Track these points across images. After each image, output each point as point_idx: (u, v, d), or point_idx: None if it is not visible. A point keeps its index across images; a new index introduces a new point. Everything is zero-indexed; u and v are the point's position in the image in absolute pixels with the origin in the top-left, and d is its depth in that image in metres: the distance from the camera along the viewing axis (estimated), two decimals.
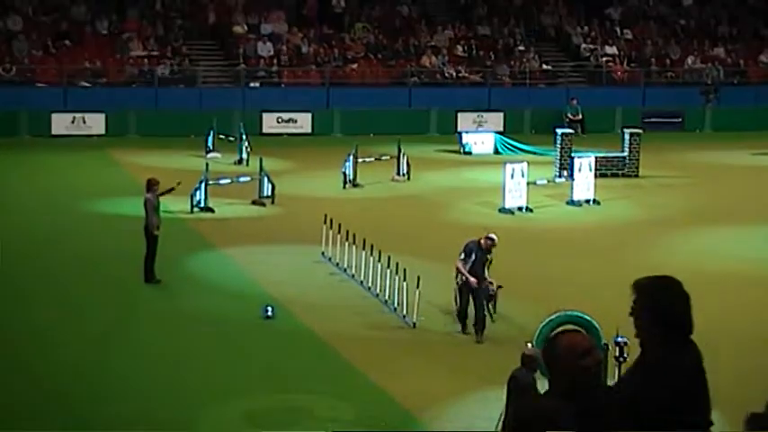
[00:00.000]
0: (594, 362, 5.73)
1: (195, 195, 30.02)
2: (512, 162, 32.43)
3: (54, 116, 43.45)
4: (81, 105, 44.07)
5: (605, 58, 51.97)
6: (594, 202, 32.36)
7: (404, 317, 20.70)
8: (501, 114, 46.94)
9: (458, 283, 20.20)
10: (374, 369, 18.35)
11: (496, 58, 50.66)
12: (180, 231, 27.25)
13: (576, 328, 6.26)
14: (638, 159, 36.76)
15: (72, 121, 43.54)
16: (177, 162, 37.01)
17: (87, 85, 46.00)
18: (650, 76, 51.61)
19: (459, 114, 46.48)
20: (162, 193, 23.79)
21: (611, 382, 6.37)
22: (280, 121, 45.36)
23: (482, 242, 20.30)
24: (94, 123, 43.70)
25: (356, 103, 46.16)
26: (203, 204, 30.07)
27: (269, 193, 31.53)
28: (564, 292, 22.31)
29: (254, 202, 31.28)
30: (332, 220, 24.61)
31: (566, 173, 34.41)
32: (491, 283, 20.46)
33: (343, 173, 34.11)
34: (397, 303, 21.05)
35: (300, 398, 17.28)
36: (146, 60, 47.44)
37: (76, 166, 37.59)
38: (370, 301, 21.98)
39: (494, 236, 20.53)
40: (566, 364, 5.68)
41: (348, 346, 19.46)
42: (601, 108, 47.67)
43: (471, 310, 20.08)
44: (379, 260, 22.00)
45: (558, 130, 37.13)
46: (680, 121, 48.91)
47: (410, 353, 19.29)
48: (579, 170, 32.64)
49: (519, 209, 30.98)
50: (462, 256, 20.21)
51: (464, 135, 42.70)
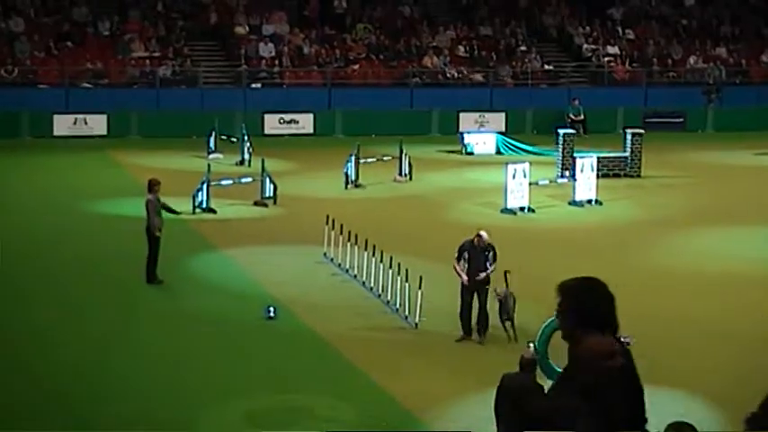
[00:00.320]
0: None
1: (197, 196, 30.01)
2: (514, 162, 32.41)
3: (56, 117, 43.47)
4: (83, 106, 44.08)
5: (607, 59, 51.96)
6: (596, 202, 32.33)
7: (406, 317, 20.69)
8: (503, 115, 46.94)
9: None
10: (376, 370, 18.34)
11: (498, 59, 50.65)
12: (182, 232, 27.24)
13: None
14: (640, 159, 36.74)
15: (74, 123, 43.55)
16: (179, 163, 37.04)
17: (89, 86, 46.02)
18: (652, 76, 51.59)
19: (461, 115, 46.47)
20: (165, 208, 23.69)
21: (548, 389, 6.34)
22: (281, 121, 45.35)
23: (475, 241, 20.28)
24: (96, 124, 43.71)
25: (358, 103, 46.17)
26: (205, 205, 30.06)
27: (271, 194, 31.52)
28: None
29: (256, 203, 31.27)
30: (334, 221, 24.60)
31: (567, 173, 34.41)
32: (496, 290, 20.16)
33: (345, 173, 34.10)
34: (399, 304, 21.03)
35: (302, 398, 17.27)
36: (147, 61, 47.47)
37: (78, 167, 37.60)
38: (372, 301, 21.96)
39: (482, 232, 20.41)
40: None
41: (350, 346, 19.44)
42: (603, 108, 47.66)
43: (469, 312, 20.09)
44: (381, 261, 21.99)
45: (560, 131, 37.12)
46: (682, 121, 48.88)
47: (412, 353, 19.28)
48: (581, 170, 32.62)
49: (521, 209, 30.96)
50: (456, 255, 20.20)
51: (466, 135, 42.68)
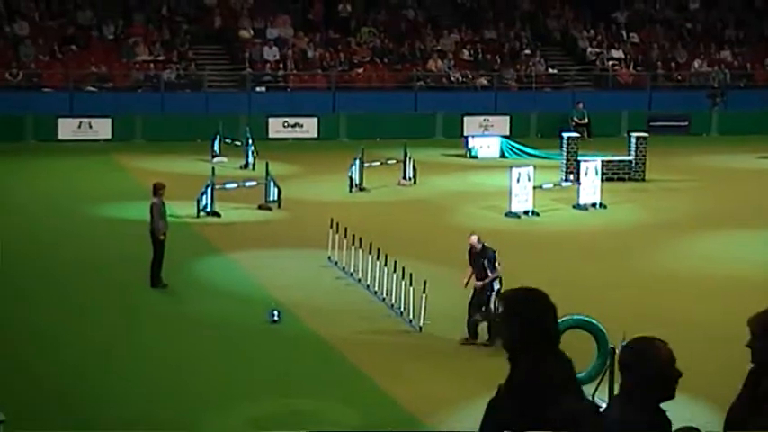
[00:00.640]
0: (679, 373, 5.84)
1: (201, 200, 30.02)
2: (518, 166, 32.43)
3: (60, 121, 43.50)
4: (87, 110, 44.11)
5: (611, 62, 51.95)
6: (601, 205, 32.30)
7: (410, 321, 20.69)
8: (507, 118, 46.91)
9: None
10: (380, 373, 18.34)
11: (503, 62, 50.65)
12: (186, 236, 27.25)
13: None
14: (644, 163, 36.72)
15: (78, 126, 43.58)
16: (183, 167, 37.04)
17: (93, 89, 46.05)
18: (656, 80, 51.57)
19: (466, 118, 46.45)
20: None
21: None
22: (286, 125, 45.35)
23: (468, 246, 20.36)
24: (101, 128, 43.74)
25: (362, 107, 46.17)
26: (209, 209, 30.07)
27: (275, 198, 31.52)
28: (570, 296, 22.22)
29: (260, 207, 31.27)
30: (338, 225, 24.60)
31: (572, 177, 34.40)
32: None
33: (350, 177, 34.10)
34: (403, 308, 21.03)
35: (306, 402, 17.27)
36: (152, 65, 47.51)
37: (82, 170, 37.63)
38: (377, 305, 21.96)
39: (470, 237, 20.42)
40: (661, 371, 5.75)
41: (354, 350, 19.44)
42: (607, 112, 47.66)
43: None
44: (386, 264, 21.99)
45: (565, 134, 37.11)
46: (686, 124, 48.84)
47: (416, 357, 19.27)
48: (585, 174, 32.60)
49: (525, 213, 30.95)
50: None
51: (470, 139, 42.68)
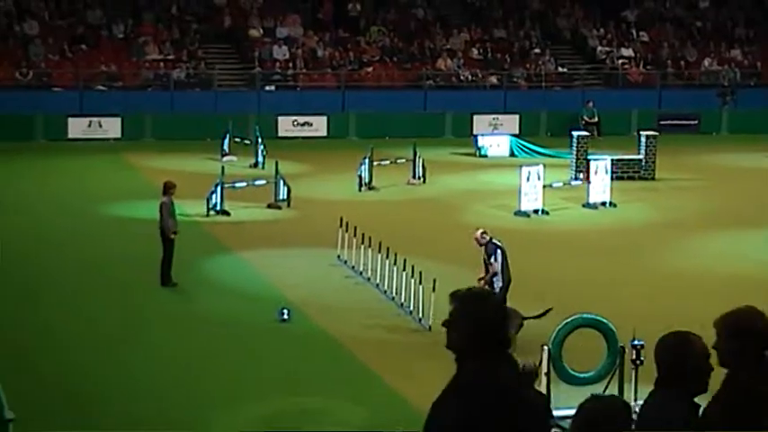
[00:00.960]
0: (711, 368, 5.89)
1: (211, 199, 30.04)
2: (528, 165, 32.39)
3: (70, 120, 43.54)
4: (97, 109, 44.15)
5: (621, 61, 51.88)
6: (611, 204, 32.27)
7: (419, 320, 20.68)
8: (517, 117, 46.87)
9: None
10: (389, 372, 18.34)
11: (512, 61, 50.61)
12: (196, 235, 27.26)
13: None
14: (654, 162, 36.67)
15: (88, 125, 43.62)
16: (193, 165, 37.07)
17: (103, 88, 46.11)
18: (666, 79, 51.49)
19: (475, 117, 46.41)
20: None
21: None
22: (295, 124, 45.36)
23: None
24: (110, 127, 43.78)
25: (372, 106, 46.15)
26: (219, 208, 30.09)
27: (284, 197, 31.53)
28: (580, 295, 22.28)
29: (269, 206, 31.28)
30: (347, 224, 24.60)
31: (582, 175, 34.36)
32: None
33: (359, 176, 34.09)
34: (413, 306, 21.02)
35: (315, 400, 17.27)
36: (161, 64, 47.55)
37: (92, 169, 37.67)
38: (386, 304, 21.96)
39: (474, 232, 20.63)
40: (697, 365, 5.81)
41: (363, 348, 19.44)
42: (617, 110, 47.58)
43: None
44: (395, 263, 21.99)
45: (574, 133, 37.06)
46: (696, 123, 48.76)
47: (425, 356, 19.24)
48: (595, 173, 32.57)
49: (535, 212, 30.92)
50: None
51: (480, 138, 42.65)
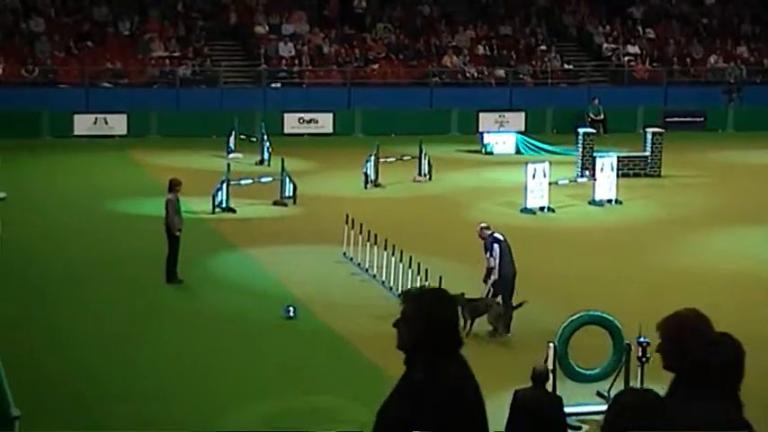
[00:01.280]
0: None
1: (217, 196, 30.05)
2: (533, 162, 32.38)
3: (76, 117, 43.58)
4: (103, 106, 44.18)
5: (627, 58, 51.84)
6: (616, 201, 32.26)
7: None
8: (522, 114, 46.86)
9: None
10: (395, 369, 18.20)
11: (518, 58, 50.59)
12: (201, 232, 27.29)
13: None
14: (660, 159, 36.65)
15: (94, 122, 43.65)
16: (199, 162, 37.09)
17: (109, 85, 46.14)
18: (672, 76, 51.45)
19: (481, 114, 46.40)
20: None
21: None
22: (301, 121, 45.37)
23: None
24: (116, 124, 43.81)
25: (377, 103, 46.15)
26: (225, 205, 30.10)
27: (290, 194, 31.53)
28: (586, 292, 22.27)
29: (275, 203, 31.29)
30: (353, 221, 24.61)
31: (588, 173, 34.34)
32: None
33: (365, 173, 34.09)
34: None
35: (321, 397, 17.27)
36: (167, 61, 47.57)
37: (98, 166, 37.70)
38: (392, 301, 21.89)
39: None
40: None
41: (369, 345, 19.42)
42: (623, 107, 47.53)
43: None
44: (401, 260, 21.99)
45: (580, 130, 37.05)
46: (702, 120, 48.71)
47: None
48: (601, 170, 32.56)
49: (541, 209, 30.91)
50: None
51: (485, 135, 42.63)
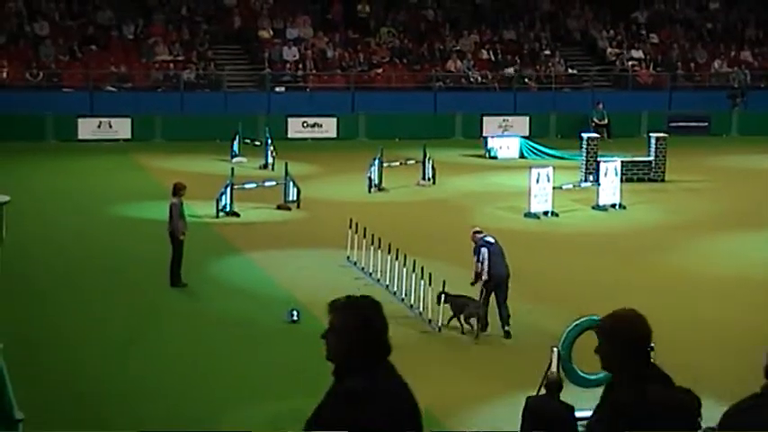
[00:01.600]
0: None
1: (221, 200, 30.06)
2: (537, 166, 32.40)
3: (80, 121, 43.63)
4: (107, 110, 44.24)
5: (631, 62, 51.85)
6: (620, 206, 32.24)
7: (429, 321, 20.67)
8: (527, 119, 46.88)
9: None
10: (399, 373, 18.29)
11: (522, 63, 50.59)
12: (205, 236, 27.29)
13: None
14: (664, 164, 36.64)
15: (98, 126, 43.71)
16: (202, 166, 37.11)
17: (113, 89, 46.18)
18: (676, 80, 51.46)
19: (485, 118, 46.42)
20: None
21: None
22: (305, 125, 45.40)
23: None
24: (120, 128, 43.86)
25: (381, 107, 46.18)
26: (229, 209, 30.10)
27: (294, 198, 31.55)
28: (589, 296, 22.25)
29: (279, 207, 31.29)
30: (357, 225, 24.61)
31: (591, 177, 34.33)
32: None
33: (369, 177, 34.10)
34: (422, 308, 21.01)
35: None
36: (171, 65, 47.62)
37: (102, 170, 37.72)
38: (395, 305, 21.91)
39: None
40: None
41: None
42: (627, 112, 47.57)
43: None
44: (405, 264, 21.98)
45: (584, 135, 37.02)
46: (706, 125, 48.73)
47: (435, 357, 19.26)
48: (605, 174, 32.55)
49: (544, 213, 30.90)
50: None
51: (489, 139, 42.66)
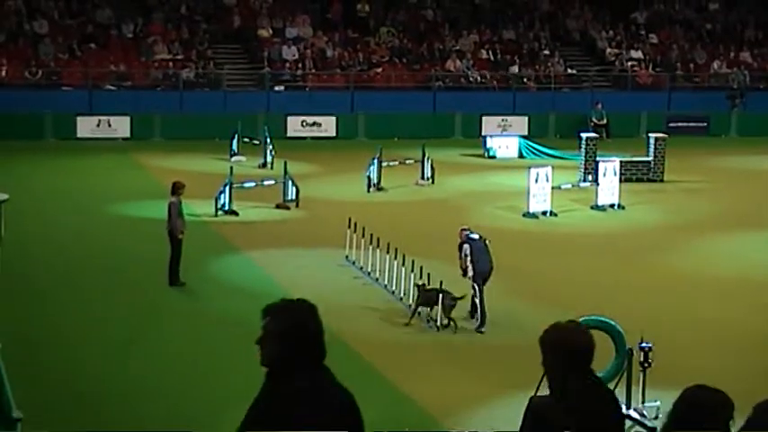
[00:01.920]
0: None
1: (220, 199, 30.06)
2: (536, 166, 32.40)
3: (79, 119, 43.63)
4: (106, 108, 44.24)
5: (630, 63, 51.86)
6: (619, 206, 32.25)
7: (428, 321, 20.68)
8: (525, 118, 46.91)
9: None
10: (397, 373, 18.33)
11: (521, 62, 50.59)
12: (204, 234, 27.30)
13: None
14: (663, 164, 36.66)
15: (97, 125, 43.71)
16: (202, 165, 37.12)
17: (112, 88, 46.19)
18: (676, 81, 51.47)
19: (484, 118, 46.45)
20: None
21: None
22: (304, 124, 45.41)
23: None
24: (119, 126, 43.87)
25: (381, 106, 46.19)
26: (228, 207, 30.11)
27: (293, 197, 31.55)
28: (588, 297, 22.26)
29: (278, 206, 31.30)
30: (356, 224, 24.61)
31: (590, 177, 34.35)
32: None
33: (368, 176, 34.11)
34: (421, 307, 21.01)
35: None
36: (171, 64, 47.62)
37: (101, 168, 37.73)
38: (394, 304, 21.96)
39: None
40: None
41: (371, 349, 19.43)
42: (626, 112, 47.60)
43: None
44: (403, 264, 22.00)
45: (583, 135, 37.05)
46: (705, 125, 48.76)
47: (433, 357, 19.26)
48: (604, 175, 32.56)
49: (543, 213, 30.91)
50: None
51: (489, 139, 42.67)
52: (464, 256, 20.90)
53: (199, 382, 17.99)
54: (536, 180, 30.97)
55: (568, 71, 51.17)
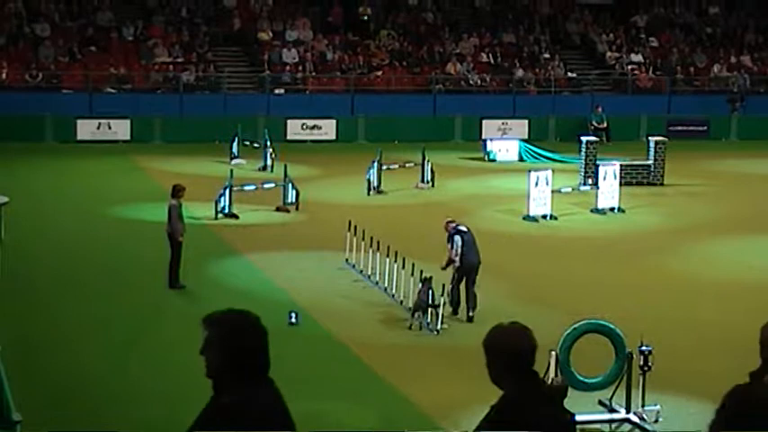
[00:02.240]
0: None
1: (220, 202, 30.06)
2: (536, 170, 32.38)
3: (79, 122, 43.65)
4: (106, 111, 44.27)
5: (630, 66, 51.89)
6: (619, 210, 32.25)
7: (427, 324, 20.67)
8: (526, 122, 46.93)
9: None
10: (397, 375, 18.32)
11: (521, 66, 50.61)
12: (204, 237, 27.29)
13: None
14: (663, 167, 36.67)
15: (97, 127, 43.73)
16: (202, 168, 37.12)
17: (113, 91, 46.21)
18: (676, 84, 51.50)
19: (484, 122, 46.47)
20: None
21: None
22: (304, 127, 45.41)
23: None
24: (119, 129, 43.88)
25: (381, 109, 46.21)
26: (227, 211, 30.10)
27: (293, 200, 31.54)
28: (588, 300, 22.26)
29: (278, 209, 31.30)
30: (356, 227, 24.61)
31: (590, 181, 34.35)
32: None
33: (368, 179, 34.12)
34: (420, 310, 21.00)
35: (322, 404, 17.25)
36: (171, 67, 47.64)
37: (101, 171, 37.72)
38: (394, 307, 21.95)
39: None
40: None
41: (371, 352, 19.43)
42: (626, 116, 47.60)
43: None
44: (403, 267, 21.98)
45: (583, 138, 37.06)
46: (705, 129, 48.78)
47: (433, 360, 19.26)
48: (604, 178, 32.57)
49: (543, 217, 30.90)
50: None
51: (489, 142, 42.68)
52: (455, 247, 21.09)
53: (199, 385, 17.96)
54: (536, 183, 30.97)
55: (568, 74, 51.20)
